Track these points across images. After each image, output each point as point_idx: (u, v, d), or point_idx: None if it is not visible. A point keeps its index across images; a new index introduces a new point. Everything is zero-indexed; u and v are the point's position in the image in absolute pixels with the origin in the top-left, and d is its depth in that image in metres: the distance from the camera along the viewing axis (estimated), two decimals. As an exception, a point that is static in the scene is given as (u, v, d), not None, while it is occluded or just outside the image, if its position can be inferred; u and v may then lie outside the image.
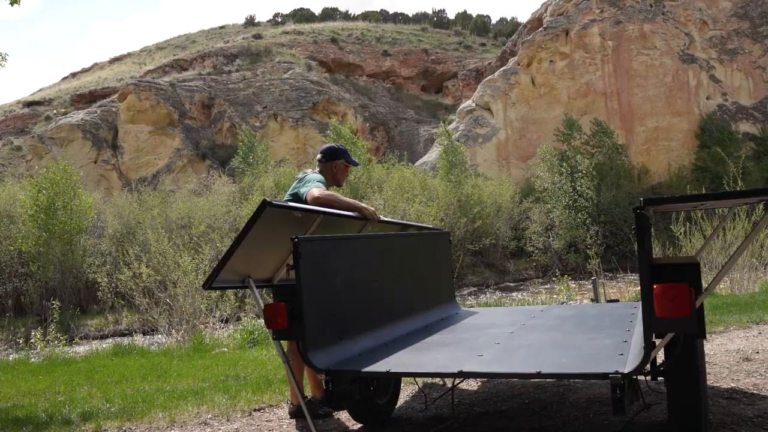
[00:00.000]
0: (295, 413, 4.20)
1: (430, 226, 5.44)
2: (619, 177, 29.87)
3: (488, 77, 37.82)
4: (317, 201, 3.89)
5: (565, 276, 11.79)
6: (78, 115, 40.30)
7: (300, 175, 4.36)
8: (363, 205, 4.11)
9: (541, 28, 36.37)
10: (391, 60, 52.93)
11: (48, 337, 10.07)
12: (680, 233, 10.82)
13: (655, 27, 34.20)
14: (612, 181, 29.19)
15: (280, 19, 68.62)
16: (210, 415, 4.53)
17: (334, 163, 4.47)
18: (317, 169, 4.45)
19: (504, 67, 37.14)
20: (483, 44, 59.22)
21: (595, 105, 34.01)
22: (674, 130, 33.28)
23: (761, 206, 9.36)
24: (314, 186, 4.08)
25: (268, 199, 3.16)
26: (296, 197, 4.16)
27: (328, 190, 4.26)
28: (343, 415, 4.13)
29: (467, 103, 37.88)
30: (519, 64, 35.99)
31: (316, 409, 4.14)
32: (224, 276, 3.53)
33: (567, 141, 29.90)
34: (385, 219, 4.49)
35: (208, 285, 3.58)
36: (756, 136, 32.92)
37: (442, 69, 53.32)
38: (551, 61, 35.31)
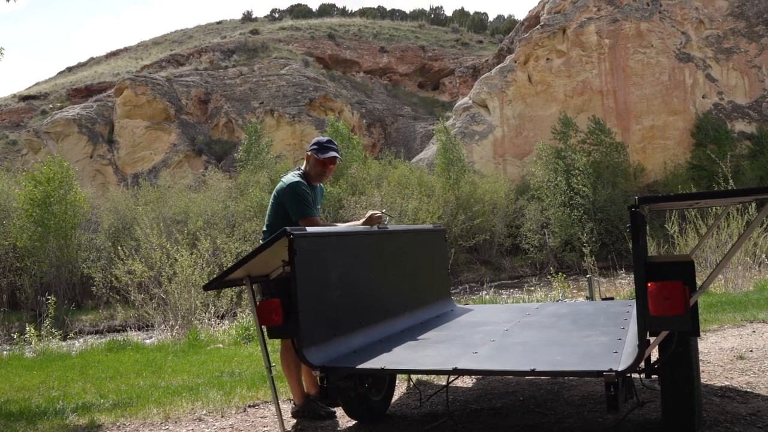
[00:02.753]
0: (297, 413, 4.13)
1: (431, 226, 5.43)
2: (615, 175, 29.94)
3: (485, 74, 37.81)
4: None
5: (560, 274, 11.80)
6: (74, 110, 40.17)
7: (283, 179, 4.17)
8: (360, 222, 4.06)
9: (538, 26, 36.37)
10: (388, 56, 52.85)
11: (42, 332, 10.04)
12: (674, 232, 10.83)
13: (651, 25, 34.25)
14: (608, 179, 29.26)
15: (277, 15, 68.49)
16: (204, 411, 4.52)
17: (307, 155, 4.24)
18: (304, 167, 4.24)
19: (501, 65, 37.14)
20: (480, 41, 59.20)
21: (591, 103, 34.07)
22: (670, 129, 33.37)
23: (753, 205, 9.41)
24: (302, 217, 3.96)
25: (288, 230, 3.15)
26: (283, 208, 4.07)
27: (312, 189, 4.17)
28: (338, 411, 4.13)
29: (464, 100, 37.87)
30: (516, 62, 36.01)
31: (318, 408, 4.11)
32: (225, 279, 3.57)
33: (563, 139, 29.96)
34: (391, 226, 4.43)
35: (209, 288, 3.60)
36: (751, 134, 33.04)
37: (439, 66, 53.28)
38: (548, 58, 35.34)
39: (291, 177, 4.14)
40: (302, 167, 4.25)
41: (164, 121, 39.39)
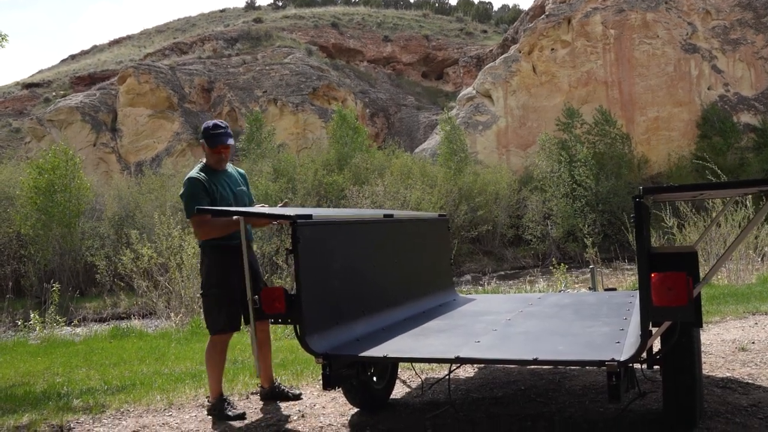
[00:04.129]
0: (266, 396, 4.34)
1: (435, 215, 5.44)
2: (619, 167, 29.82)
3: (489, 64, 37.64)
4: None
5: (563, 264, 11.79)
6: (77, 98, 40.12)
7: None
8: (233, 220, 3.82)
9: (543, 16, 36.14)
10: (391, 46, 52.62)
11: (46, 319, 10.10)
12: (672, 224, 10.78)
13: (657, 16, 34.00)
14: (612, 171, 29.16)
15: (280, 3, 68.18)
16: (208, 398, 4.54)
17: (202, 145, 4.19)
18: (203, 160, 4.19)
19: (505, 55, 36.96)
20: (484, 31, 58.90)
21: (596, 94, 33.89)
22: (675, 120, 33.20)
23: (750, 198, 9.36)
24: (188, 217, 3.99)
25: (293, 216, 3.17)
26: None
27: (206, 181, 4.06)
28: (340, 399, 4.15)
29: (468, 90, 37.73)
30: (520, 52, 35.81)
31: (225, 407, 4.02)
32: None
33: (567, 130, 29.83)
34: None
35: (201, 212, 3.69)
36: (757, 127, 32.85)
37: (443, 55, 53.04)
38: (553, 49, 35.14)
39: (190, 172, 4.11)
40: (204, 159, 4.23)
41: (167, 109, 39.32)
